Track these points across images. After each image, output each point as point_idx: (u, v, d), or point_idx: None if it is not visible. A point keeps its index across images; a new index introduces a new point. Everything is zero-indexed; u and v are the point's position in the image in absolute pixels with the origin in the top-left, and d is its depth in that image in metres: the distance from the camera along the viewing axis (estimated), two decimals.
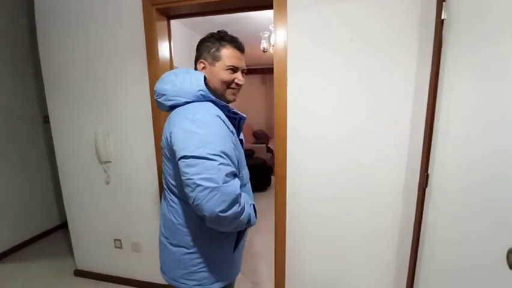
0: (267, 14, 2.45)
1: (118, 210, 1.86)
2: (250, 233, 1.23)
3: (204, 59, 0.95)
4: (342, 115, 1.37)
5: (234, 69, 0.94)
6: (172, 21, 1.68)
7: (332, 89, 1.36)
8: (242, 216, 0.81)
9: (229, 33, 0.96)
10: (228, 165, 0.76)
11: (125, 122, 1.70)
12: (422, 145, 1.18)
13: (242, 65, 0.96)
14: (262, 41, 2.71)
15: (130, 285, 1.94)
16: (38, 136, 2.60)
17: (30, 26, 2.40)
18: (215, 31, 0.96)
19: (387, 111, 1.31)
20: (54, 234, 2.72)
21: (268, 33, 2.64)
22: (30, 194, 2.54)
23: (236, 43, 0.94)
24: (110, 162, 1.78)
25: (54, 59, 1.74)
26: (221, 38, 0.93)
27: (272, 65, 1.43)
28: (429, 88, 1.11)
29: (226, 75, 0.93)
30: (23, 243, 2.46)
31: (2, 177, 2.30)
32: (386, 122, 1.32)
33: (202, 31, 2.90)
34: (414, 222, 1.26)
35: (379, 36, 1.26)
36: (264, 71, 5.79)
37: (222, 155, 0.76)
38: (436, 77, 1.08)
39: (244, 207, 0.82)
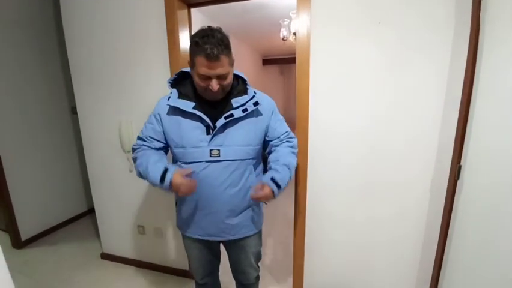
0: (287, 1, 2.38)
1: (141, 198, 1.91)
2: (267, 223, 1.23)
3: (189, 60, 1.01)
4: (367, 103, 1.32)
5: (205, 76, 0.96)
6: (192, 11, 1.67)
7: (357, 76, 1.30)
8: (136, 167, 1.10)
9: (204, 35, 0.92)
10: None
11: (147, 111, 1.72)
12: (454, 135, 1.12)
13: (214, 73, 0.94)
14: (282, 29, 2.64)
15: (153, 270, 2.01)
16: (66, 126, 2.71)
17: (57, 17, 2.47)
18: (200, 28, 0.95)
19: (417, 98, 1.24)
20: (82, 219, 2.87)
21: (289, 20, 2.57)
22: (59, 182, 2.68)
23: (205, 52, 0.90)
24: None
25: (80, 50, 1.79)
26: (195, 43, 0.92)
27: (291, 54, 1.42)
28: (466, 73, 1.04)
29: (199, 81, 0.98)
30: (53, 227, 2.61)
31: (34, 166, 2.43)
32: (414, 110, 1.26)
33: (221, 21, 2.87)
34: (443, 216, 1.20)
35: (409, 19, 1.18)
36: (282, 61, 5.70)
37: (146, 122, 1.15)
38: (473, 62, 1.00)
39: (136, 160, 1.11)
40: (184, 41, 1.60)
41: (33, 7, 2.34)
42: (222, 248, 1.31)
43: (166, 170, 1.00)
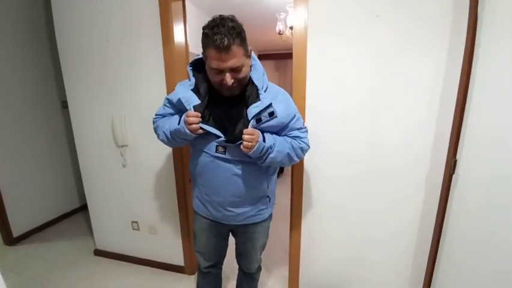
0: None
1: (135, 193, 1.89)
2: None
3: (202, 53, 0.95)
4: (364, 96, 1.31)
5: (217, 70, 0.90)
6: (187, 4, 1.63)
7: (355, 69, 1.30)
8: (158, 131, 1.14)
9: (214, 25, 0.85)
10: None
11: (141, 106, 1.70)
12: (450, 129, 1.12)
13: (226, 66, 0.88)
14: (278, 23, 2.61)
15: (147, 265, 2.00)
16: (57, 121, 2.65)
17: (46, 10, 2.40)
18: (212, 18, 0.88)
19: (413, 91, 1.24)
20: (75, 216, 2.83)
21: (285, 14, 2.54)
22: (51, 177, 2.63)
23: (215, 43, 0.84)
24: (126, 146, 1.80)
25: (71, 43, 1.74)
26: (205, 35, 0.86)
27: (286, 50, 1.39)
28: (463, 67, 1.04)
29: (212, 76, 0.94)
30: (44, 224, 2.56)
31: (25, 162, 2.38)
32: (411, 103, 1.26)
33: (216, 14, 2.82)
34: (438, 210, 1.21)
35: (406, 12, 1.17)
36: (277, 57, 5.66)
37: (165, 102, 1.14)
38: (471, 56, 1.00)
39: (157, 128, 1.15)
40: (178, 34, 1.57)
41: (23, 1, 2.27)
42: (230, 242, 1.32)
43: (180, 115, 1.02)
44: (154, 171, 1.80)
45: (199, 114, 0.95)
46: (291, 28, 2.53)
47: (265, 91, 1.00)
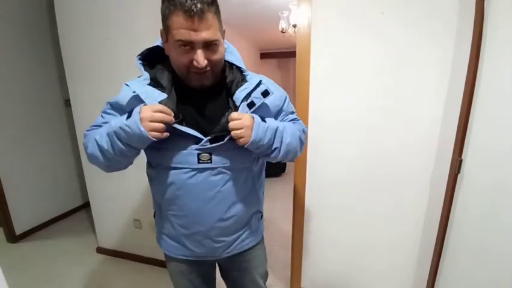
0: None
1: (137, 191, 1.89)
2: (266, 218, 1.17)
3: (162, 28, 0.72)
4: (368, 95, 1.30)
5: (186, 45, 0.66)
6: None
7: (359, 67, 1.28)
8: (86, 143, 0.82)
9: None
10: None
11: None
12: (455, 128, 1.10)
13: (197, 38, 0.64)
14: (281, 21, 2.60)
15: (149, 263, 2.00)
16: (60, 119, 2.66)
17: (50, 8, 2.40)
18: None
19: (418, 91, 1.23)
20: (78, 213, 2.84)
21: (288, 12, 2.53)
22: (54, 175, 2.63)
23: (184, 6, 0.61)
24: None
25: (74, 42, 1.74)
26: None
27: (289, 48, 1.38)
28: (469, 67, 1.02)
29: (178, 56, 0.69)
30: (47, 222, 2.57)
31: (28, 160, 2.39)
32: (416, 102, 1.24)
33: None
34: (442, 210, 1.20)
35: (411, 9, 1.16)
36: (280, 55, 5.64)
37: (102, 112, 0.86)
38: (477, 55, 0.98)
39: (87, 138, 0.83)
40: None
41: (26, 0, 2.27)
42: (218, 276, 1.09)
43: (130, 112, 0.70)
44: None
45: (171, 112, 0.69)
46: (294, 26, 2.52)
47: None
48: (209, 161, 0.76)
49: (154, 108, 0.67)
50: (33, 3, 2.33)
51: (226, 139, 0.73)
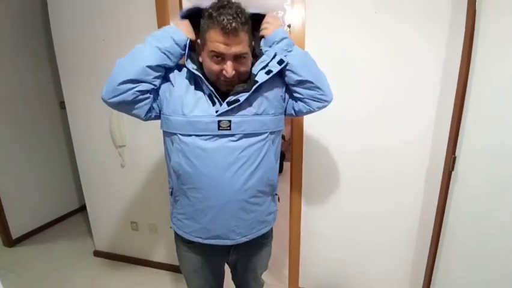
0: None
1: (133, 193, 1.88)
2: None
3: (200, 39, 0.84)
4: (363, 94, 1.31)
5: (218, 56, 0.77)
6: (183, 1, 1.62)
7: (353, 67, 1.29)
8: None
9: (221, 5, 0.74)
10: None
11: None
12: (449, 125, 1.11)
13: (230, 52, 0.75)
14: None
15: (147, 266, 1.99)
16: (55, 121, 2.64)
17: (43, 11, 2.39)
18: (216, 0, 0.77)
19: (413, 89, 1.24)
20: (74, 216, 2.81)
21: (283, 12, 2.54)
22: (50, 178, 2.61)
23: (221, 24, 0.72)
24: (124, 146, 1.79)
25: (68, 43, 1.73)
26: (209, 16, 0.75)
27: None
28: (461, 65, 1.03)
29: (210, 64, 0.79)
30: (44, 225, 2.55)
31: (23, 163, 2.36)
32: (411, 100, 1.26)
33: None
34: (437, 207, 1.21)
35: (405, 7, 1.17)
36: None
37: None
38: (469, 53, 1.00)
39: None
40: None
41: (20, 2, 2.25)
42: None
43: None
44: (153, 171, 1.79)
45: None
46: (289, 26, 2.52)
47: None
48: (228, 128, 0.81)
49: (184, 22, 0.85)
50: (26, 5, 2.31)
51: (243, 99, 0.80)
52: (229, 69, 0.78)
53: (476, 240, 1.03)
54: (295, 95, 0.92)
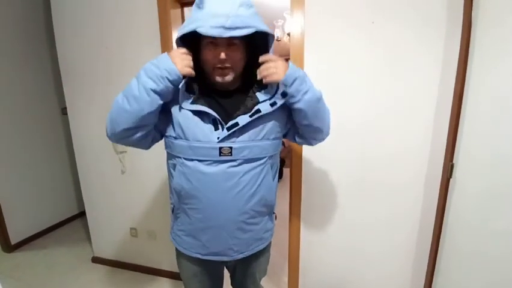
0: (281, 2, 2.38)
1: (133, 199, 1.88)
2: None
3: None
4: (362, 102, 1.32)
5: (212, 44, 0.79)
6: (185, 10, 1.65)
7: (351, 76, 1.31)
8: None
9: None
10: None
11: None
12: (447, 132, 1.12)
13: (222, 35, 0.74)
14: (276, 30, 2.65)
15: (146, 273, 1.98)
16: (57, 127, 2.66)
17: (47, 18, 2.43)
18: None
19: (410, 97, 1.25)
20: (73, 222, 2.81)
21: (283, 21, 2.58)
22: (50, 184, 2.62)
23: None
24: (125, 152, 1.80)
25: (71, 51, 1.76)
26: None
27: (284, 56, 1.39)
28: (458, 72, 1.05)
29: (206, 55, 0.82)
30: (43, 230, 2.55)
31: (24, 168, 2.37)
32: (408, 109, 1.27)
33: None
34: (436, 214, 1.21)
35: (402, 16, 1.19)
36: None
37: None
38: (465, 60, 1.01)
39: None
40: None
41: (23, 6, 2.29)
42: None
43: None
44: (153, 178, 1.79)
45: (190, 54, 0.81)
46: (289, 34, 2.56)
47: None
48: (229, 154, 0.82)
49: (180, 51, 0.80)
50: (30, 11, 2.35)
51: (242, 123, 0.80)
52: (222, 54, 0.79)
53: (476, 246, 1.03)
54: (299, 131, 0.95)
